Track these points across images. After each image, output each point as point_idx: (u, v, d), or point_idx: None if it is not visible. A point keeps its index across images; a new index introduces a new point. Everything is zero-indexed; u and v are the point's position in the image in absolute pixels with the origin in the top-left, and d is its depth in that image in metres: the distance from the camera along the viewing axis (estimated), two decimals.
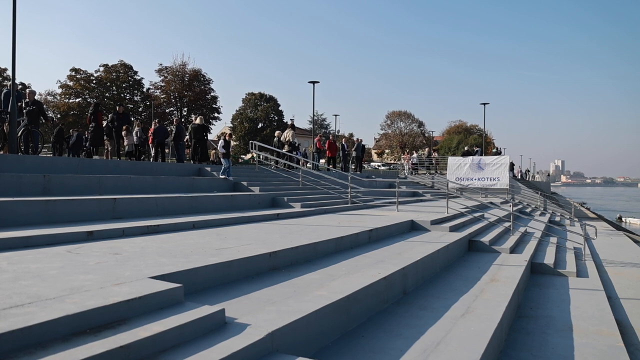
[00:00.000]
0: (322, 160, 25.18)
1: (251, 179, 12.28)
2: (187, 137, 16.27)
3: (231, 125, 63.79)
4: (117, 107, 15.79)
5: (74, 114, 48.04)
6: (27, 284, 3.01)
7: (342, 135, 62.05)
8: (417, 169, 28.39)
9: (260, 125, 63.21)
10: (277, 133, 19.41)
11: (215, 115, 55.93)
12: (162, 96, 53.85)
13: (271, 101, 64.93)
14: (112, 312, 2.56)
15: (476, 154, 26.48)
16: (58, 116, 46.40)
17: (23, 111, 11.43)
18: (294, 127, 19.43)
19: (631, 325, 5.70)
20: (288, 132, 18.47)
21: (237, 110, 64.64)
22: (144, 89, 54.34)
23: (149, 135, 16.36)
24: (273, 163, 16.97)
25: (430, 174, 27.10)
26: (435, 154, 31.06)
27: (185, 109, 53.54)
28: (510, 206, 10.74)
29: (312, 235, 6.07)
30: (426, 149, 44.86)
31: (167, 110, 53.66)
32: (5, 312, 2.36)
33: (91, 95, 49.97)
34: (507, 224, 10.18)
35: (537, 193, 24.77)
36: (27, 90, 12.50)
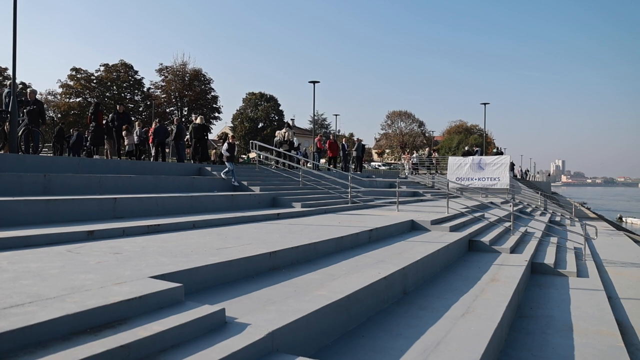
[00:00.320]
0: (322, 160, 25.18)
1: (251, 179, 12.28)
2: (187, 136, 16.29)
3: (232, 125, 63.80)
4: (118, 107, 15.81)
5: (75, 113, 48.06)
6: (27, 283, 3.02)
7: (343, 135, 62.05)
8: (418, 169, 28.37)
9: (260, 125, 63.19)
10: (277, 133, 19.43)
11: (216, 115, 55.96)
12: (162, 96, 53.86)
13: (271, 101, 64.91)
14: (113, 311, 2.56)
15: (476, 153, 26.46)
16: (59, 115, 46.42)
17: (24, 111, 11.44)
18: (289, 125, 19.43)
19: (631, 325, 5.70)
20: (283, 131, 18.54)
21: (237, 110, 64.64)
22: (145, 89, 54.33)
23: (149, 135, 16.37)
24: (273, 163, 16.97)
25: (430, 173, 27.09)
26: (436, 154, 31.03)
27: (186, 108, 53.55)
28: (511, 206, 10.73)
29: (312, 235, 6.07)
30: (426, 149, 44.85)
31: (167, 110, 53.68)
32: (5, 311, 2.36)
33: (92, 94, 49.96)
34: (507, 224, 10.18)
35: (538, 193, 24.76)
36: (28, 90, 12.51)
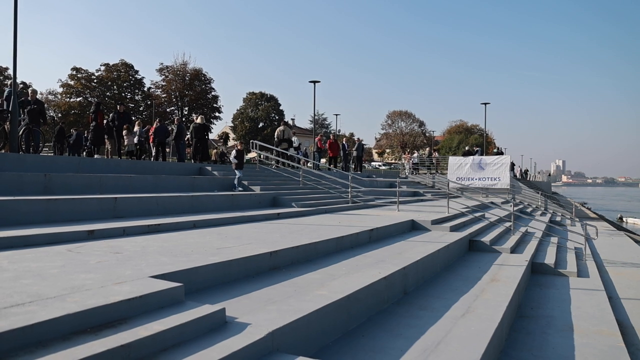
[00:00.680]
0: (323, 160, 25.17)
1: (252, 179, 12.27)
2: (188, 136, 16.30)
3: (232, 125, 63.82)
4: (118, 107, 15.81)
5: (75, 113, 48.11)
6: (27, 282, 3.02)
7: (343, 135, 62.06)
8: (418, 169, 28.35)
9: (261, 124, 63.21)
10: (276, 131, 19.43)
11: (216, 114, 56.01)
12: (163, 95, 53.92)
13: (272, 101, 64.93)
14: (113, 311, 2.56)
15: (477, 153, 26.45)
16: (59, 115, 46.44)
17: (24, 110, 11.44)
18: (286, 124, 19.35)
19: (632, 325, 5.70)
20: (281, 129, 18.53)
21: (237, 110, 64.68)
22: (145, 88, 54.38)
23: (150, 134, 16.38)
24: (274, 162, 16.97)
25: (431, 173, 27.08)
26: (436, 154, 30.97)
27: (186, 108, 53.59)
28: (511, 206, 10.73)
29: (312, 235, 6.07)
30: (427, 149, 44.86)
31: (168, 110, 53.75)
32: (6, 310, 2.36)
33: (92, 94, 50.01)
34: (507, 224, 10.17)
35: (538, 193, 24.75)
36: (29, 90, 12.51)
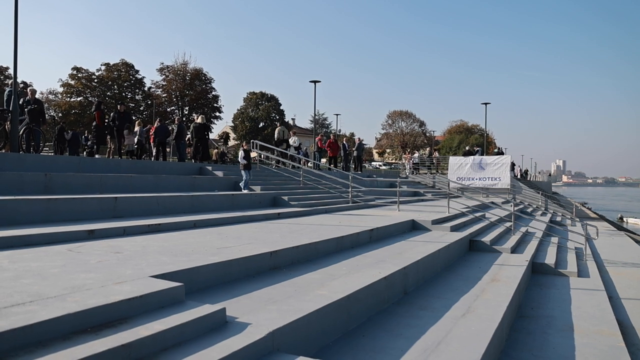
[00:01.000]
0: (323, 160, 25.17)
1: (252, 178, 12.26)
2: (188, 136, 16.30)
3: (232, 125, 63.80)
4: (119, 106, 15.80)
5: (75, 112, 48.10)
6: (28, 282, 3.02)
7: (343, 134, 62.05)
8: (418, 169, 28.36)
9: (261, 124, 63.16)
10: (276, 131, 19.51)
11: (217, 114, 55.96)
12: (163, 95, 53.90)
13: (272, 100, 64.86)
14: (113, 310, 2.56)
15: (477, 153, 26.44)
16: (59, 115, 46.45)
17: (25, 110, 11.44)
18: (284, 123, 19.51)
19: (632, 325, 5.70)
20: (279, 129, 18.57)
21: (238, 110, 64.59)
22: (146, 88, 54.37)
23: (150, 134, 16.38)
24: (274, 162, 16.97)
25: (431, 173, 27.09)
26: (437, 154, 30.98)
27: (187, 108, 53.57)
28: (512, 206, 10.72)
29: (313, 235, 6.07)
30: (427, 149, 44.85)
31: (168, 109, 53.74)
32: (6, 310, 2.36)
33: (92, 94, 50.00)
34: (508, 224, 10.17)
35: (539, 193, 24.73)
36: (29, 89, 12.52)
